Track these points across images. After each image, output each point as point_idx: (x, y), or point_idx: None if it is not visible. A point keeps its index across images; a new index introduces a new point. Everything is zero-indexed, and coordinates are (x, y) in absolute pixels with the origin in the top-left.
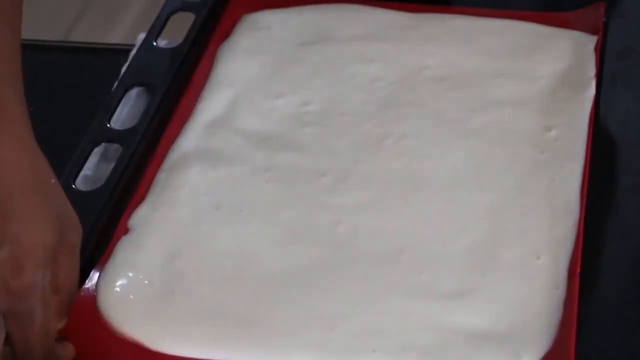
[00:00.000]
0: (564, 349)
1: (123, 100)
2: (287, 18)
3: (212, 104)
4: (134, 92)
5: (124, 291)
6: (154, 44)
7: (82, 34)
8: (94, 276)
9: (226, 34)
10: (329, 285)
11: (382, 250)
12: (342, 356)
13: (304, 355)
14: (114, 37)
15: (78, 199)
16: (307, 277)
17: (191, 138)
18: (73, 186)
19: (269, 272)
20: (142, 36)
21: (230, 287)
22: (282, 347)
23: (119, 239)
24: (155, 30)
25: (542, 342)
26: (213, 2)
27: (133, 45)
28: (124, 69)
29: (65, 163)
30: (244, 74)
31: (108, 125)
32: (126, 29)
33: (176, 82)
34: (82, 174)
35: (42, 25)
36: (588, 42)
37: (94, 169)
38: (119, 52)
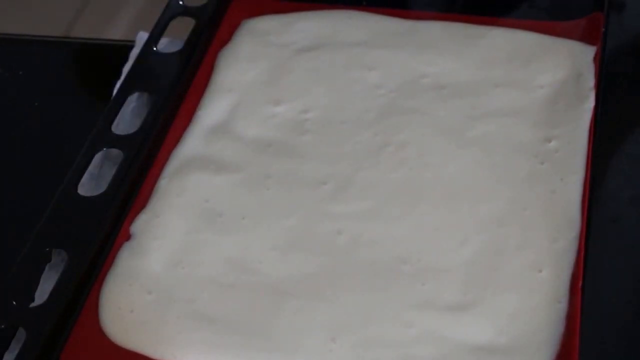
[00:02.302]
0: None
1: (124, 106)
2: (286, 24)
3: (212, 111)
4: (134, 98)
5: (126, 300)
6: (155, 49)
7: (84, 30)
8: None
9: (226, 40)
10: (331, 295)
11: (384, 260)
12: None
13: None
14: (116, 32)
15: (80, 205)
16: (309, 286)
17: (192, 144)
18: (75, 192)
19: (271, 281)
20: (141, 34)
21: (232, 295)
22: (283, 356)
23: (121, 244)
24: (156, 35)
25: (545, 355)
26: (213, 7)
27: (134, 41)
28: (124, 70)
29: (65, 160)
30: (244, 80)
31: (109, 130)
32: (128, 24)
33: (177, 88)
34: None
35: (43, 20)
36: (587, 53)
37: (98, 168)
38: (121, 48)
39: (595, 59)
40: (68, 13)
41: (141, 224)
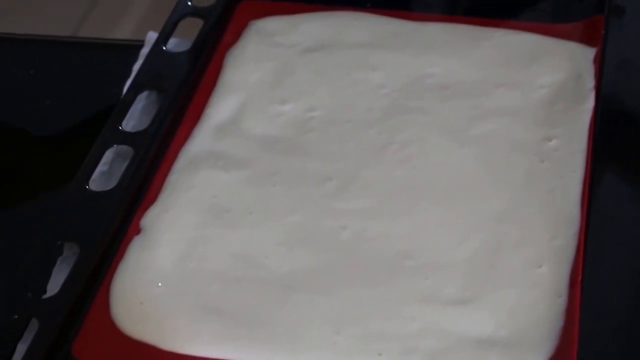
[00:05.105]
0: (565, 356)
1: (134, 104)
2: (292, 25)
3: (220, 109)
4: (144, 96)
5: (136, 292)
6: (164, 48)
7: (92, 30)
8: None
9: (234, 40)
10: (335, 289)
11: (387, 255)
12: (349, 359)
13: (311, 356)
14: (124, 32)
15: (91, 200)
16: (313, 280)
17: (200, 141)
18: (86, 187)
19: (276, 275)
20: (151, 34)
21: (240, 289)
22: (289, 348)
23: (131, 238)
24: (165, 35)
25: (545, 349)
26: (221, 8)
27: (142, 41)
28: (134, 69)
29: (76, 157)
30: (251, 79)
31: (120, 127)
32: (136, 25)
33: (185, 87)
34: (98, 169)
35: (51, 20)
36: (587, 54)
37: (109, 164)
38: (129, 47)
39: (595, 60)
40: (78, 13)
41: (151, 219)
